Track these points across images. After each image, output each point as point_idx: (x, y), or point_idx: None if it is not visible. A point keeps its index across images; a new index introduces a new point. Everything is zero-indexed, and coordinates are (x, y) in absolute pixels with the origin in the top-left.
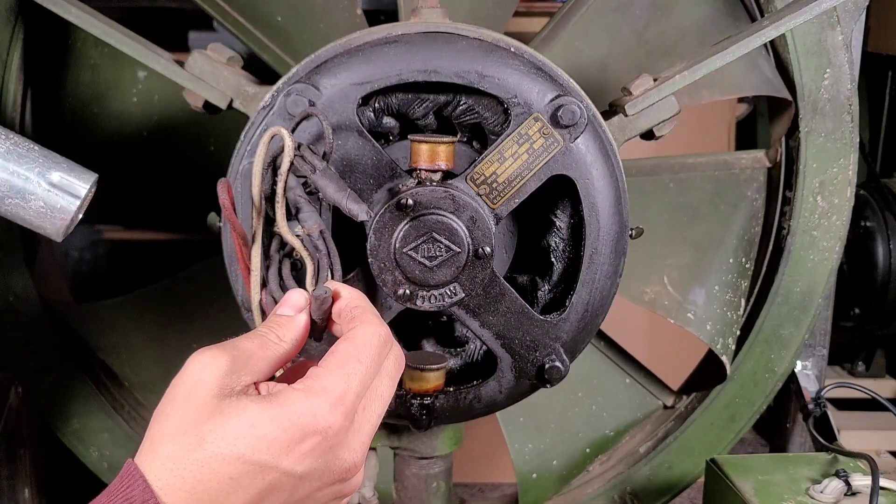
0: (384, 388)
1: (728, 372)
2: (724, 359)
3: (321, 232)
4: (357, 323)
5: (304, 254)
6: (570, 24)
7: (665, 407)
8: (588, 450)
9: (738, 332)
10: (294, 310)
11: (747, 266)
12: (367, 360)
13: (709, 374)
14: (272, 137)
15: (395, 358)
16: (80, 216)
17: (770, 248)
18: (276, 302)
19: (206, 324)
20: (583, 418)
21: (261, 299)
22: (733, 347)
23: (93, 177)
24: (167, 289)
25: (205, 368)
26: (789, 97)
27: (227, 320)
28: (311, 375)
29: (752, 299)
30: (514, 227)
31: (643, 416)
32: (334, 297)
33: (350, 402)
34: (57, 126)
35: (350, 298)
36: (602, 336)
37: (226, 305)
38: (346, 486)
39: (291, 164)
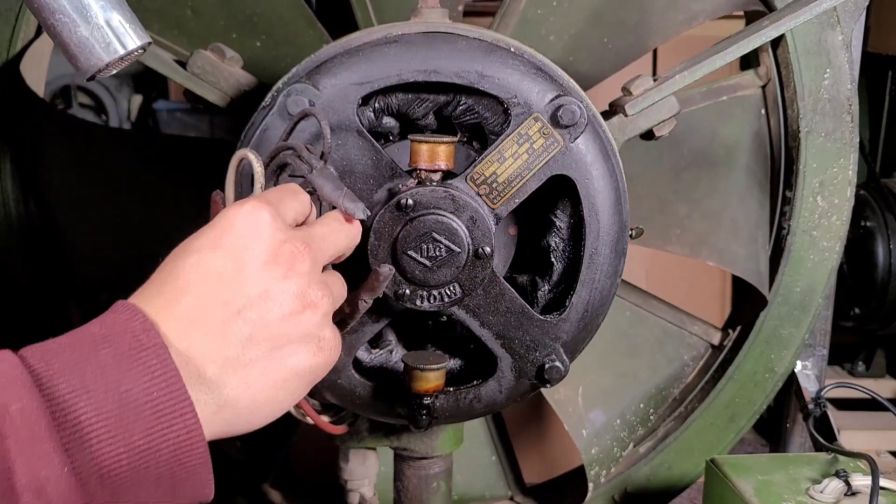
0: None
1: (587, 498)
2: (590, 485)
3: None
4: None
5: None
6: None
7: (510, 498)
8: None
9: (612, 470)
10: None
11: (651, 417)
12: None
13: (569, 490)
14: (240, 162)
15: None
16: (114, 71)
17: (770, 247)
18: None
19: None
20: None
21: None
22: (602, 480)
23: (147, 39)
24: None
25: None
26: (767, 298)
27: None
28: None
29: (638, 448)
30: (514, 226)
31: (489, 497)
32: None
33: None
34: None
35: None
36: None
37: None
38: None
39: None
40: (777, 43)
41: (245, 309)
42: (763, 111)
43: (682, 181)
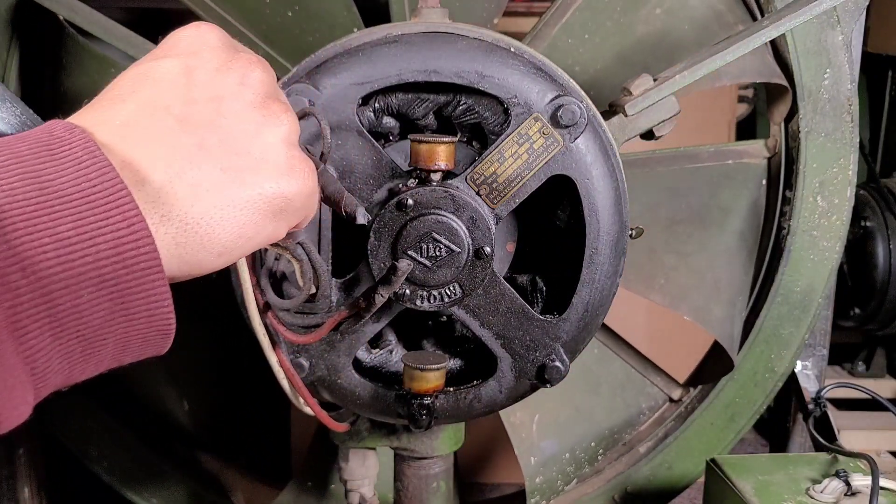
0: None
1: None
2: None
3: (299, 243)
4: None
5: (286, 255)
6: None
7: None
8: None
9: (553, 500)
10: None
11: (599, 456)
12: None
13: None
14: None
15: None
16: None
17: (770, 247)
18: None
19: None
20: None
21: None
22: None
23: None
24: None
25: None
26: (735, 363)
27: None
28: None
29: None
30: (514, 226)
31: None
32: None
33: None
34: None
35: None
36: None
37: None
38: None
39: None
40: (791, 117)
41: (193, 115)
42: (764, 182)
43: (674, 233)
